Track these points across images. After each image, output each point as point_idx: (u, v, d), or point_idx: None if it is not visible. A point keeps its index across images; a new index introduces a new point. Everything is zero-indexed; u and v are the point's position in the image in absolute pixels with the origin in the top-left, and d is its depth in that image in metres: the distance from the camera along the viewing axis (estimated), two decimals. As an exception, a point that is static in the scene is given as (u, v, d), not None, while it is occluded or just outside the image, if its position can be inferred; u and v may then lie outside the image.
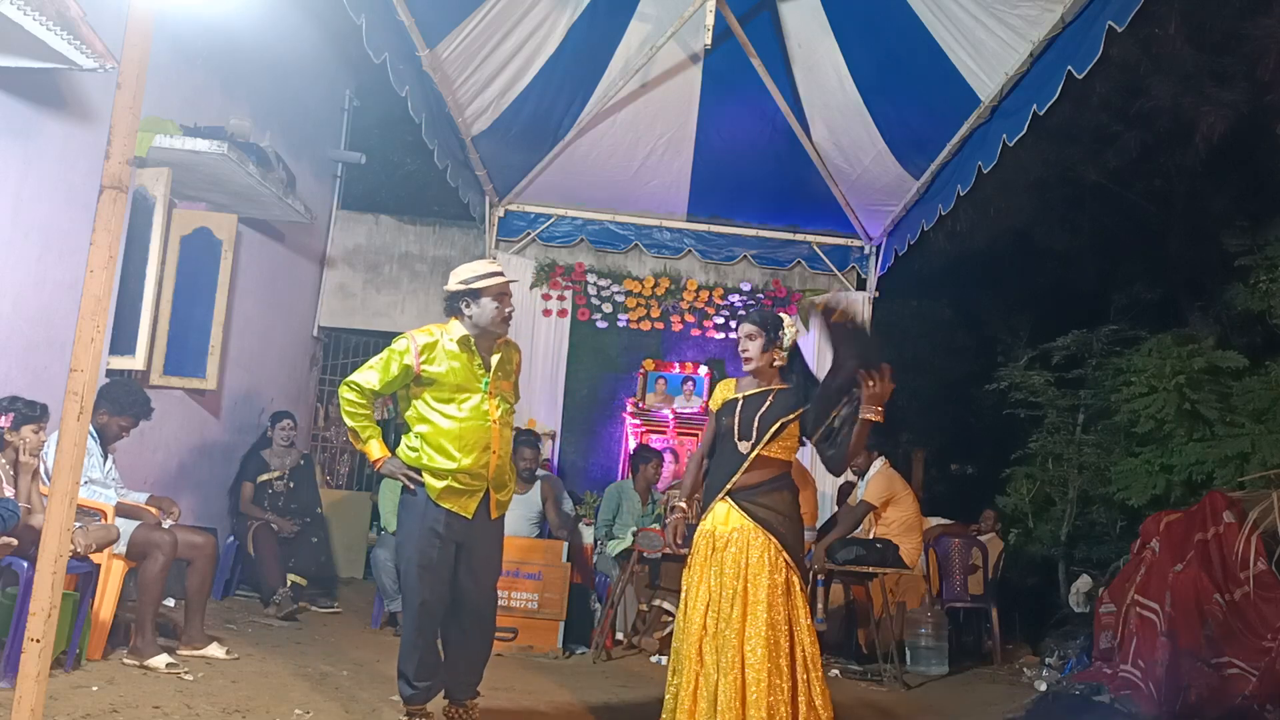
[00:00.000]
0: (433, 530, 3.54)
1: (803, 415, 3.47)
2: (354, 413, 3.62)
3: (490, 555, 3.70)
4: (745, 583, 3.34)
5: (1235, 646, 4.33)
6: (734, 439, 3.49)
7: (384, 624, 5.94)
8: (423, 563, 3.53)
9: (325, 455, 8.60)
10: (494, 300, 3.57)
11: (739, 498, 3.45)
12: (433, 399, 3.57)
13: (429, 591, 3.54)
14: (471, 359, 3.59)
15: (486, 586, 3.70)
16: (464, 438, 3.53)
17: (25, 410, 3.89)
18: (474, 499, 3.59)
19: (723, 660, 3.28)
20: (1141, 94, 8.39)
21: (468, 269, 3.64)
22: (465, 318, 3.60)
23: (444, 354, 3.57)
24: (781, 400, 3.49)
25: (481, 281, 3.58)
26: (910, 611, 6.37)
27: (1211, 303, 8.30)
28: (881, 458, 6.20)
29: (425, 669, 3.61)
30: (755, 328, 3.53)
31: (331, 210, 8.33)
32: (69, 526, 2.39)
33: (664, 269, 8.12)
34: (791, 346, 3.55)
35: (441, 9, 5.24)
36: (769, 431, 3.44)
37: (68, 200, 4.63)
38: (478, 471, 3.56)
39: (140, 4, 2.52)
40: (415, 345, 3.57)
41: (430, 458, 3.55)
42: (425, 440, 3.56)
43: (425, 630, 3.58)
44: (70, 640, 3.93)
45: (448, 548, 3.56)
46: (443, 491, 3.55)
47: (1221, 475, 6.32)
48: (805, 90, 6.56)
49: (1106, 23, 4.07)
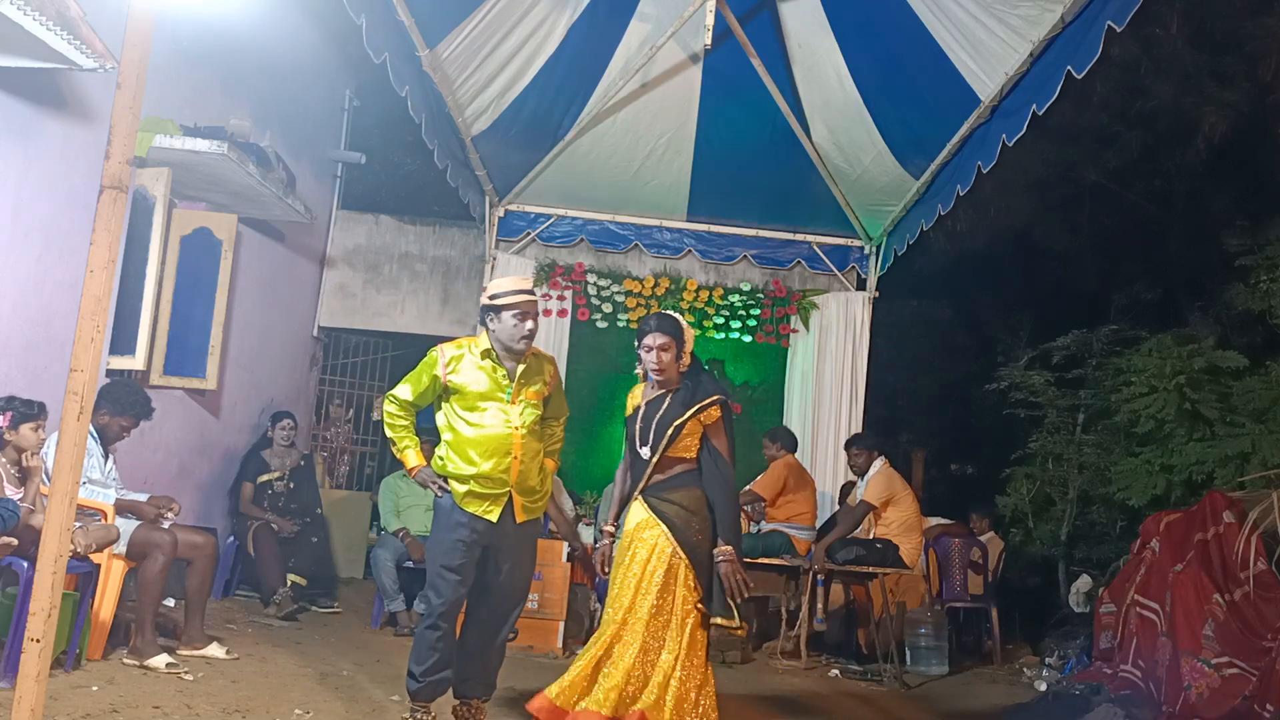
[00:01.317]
0: (459, 533, 3.66)
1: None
2: (392, 424, 3.82)
3: (519, 559, 3.80)
4: (651, 573, 3.48)
5: (1235, 646, 4.33)
6: (637, 445, 3.62)
7: (384, 624, 5.94)
8: (446, 563, 3.65)
9: (325, 455, 8.60)
10: (514, 317, 3.68)
11: (647, 494, 3.58)
12: (459, 407, 3.73)
13: (451, 591, 3.65)
14: (495, 370, 3.73)
15: (514, 589, 3.81)
16: (484, 444, 3.67)
17: (22, 409, 3.89)
18: (498, 503, 3.70)
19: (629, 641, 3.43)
20: (1142, 94, 8.38)
21: (495, 284, 3.80)
22: (490, 331, 3.74)
23: (469, 365, 3.74)
24: (676, 403, 3.58)
25: (503, 299, 3.70)
26: (910, 611, 6.37)
27: (1212, 303, 8.29)
28: (881, 458, 6.20)
29: (436, 666, 3.67)
30: (669, 338, 3.59)
31: (331, 210, 8.33)
32: (69, 526, 2.39)
33: (664, 269, 8.12)
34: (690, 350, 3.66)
35: (441, 9, 5.24)
36: (665, 438, 3.54)
37: (68, 200, 4.63)
38: (498, 476, 3.67)
39: (140, 4, 2.52)
40: (443, 357, 3.75)
41: (454, 463, 3.70)
42: (450, 447, 3.73)
43: (441, 629, 3.67)
44: (70, 640, 3.93)
45: (473, 550, 3.68)
46: (465, 495, 3.68)
47: (1221, 475, 6.32)
48: (805, 90, 6.56)
49: (1106, 23, 4.06)
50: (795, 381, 7.96)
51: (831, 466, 7.63)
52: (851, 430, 7.49)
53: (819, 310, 7.99)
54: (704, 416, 3.56)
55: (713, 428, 3.59)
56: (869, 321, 7.86)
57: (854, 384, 7.79)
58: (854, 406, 7.74)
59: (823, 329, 7.93)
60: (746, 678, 5.57)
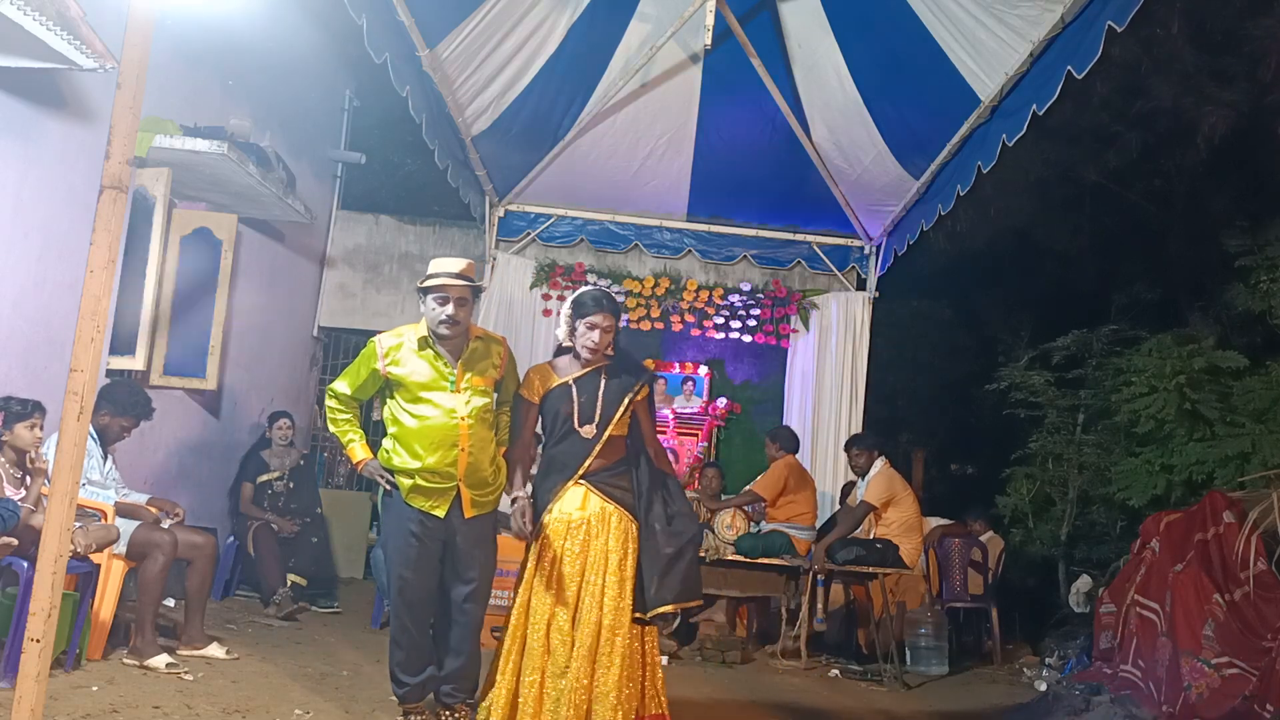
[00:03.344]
0: (408, 530, 3.55)
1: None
2: (334, 418, 3.70)
3: (473, 553, 3.64)
4: (605, 564, 3.40)
5: (1235, 646, 4.33)
6: (574, 424, 3.48)
7: (384, 624, 5.93)
8: (402, 561, 3.55)
9: (325, 455, 8.60)
10: (435, 301, 3.52)
11: (595, 480, 3.48)
12: (402, 400, 3.58)
13: (409, 588, 3.56)
14: (436, 358, 3.57)
15: (472, 585, 3.65)
16: (429, 436, 3.52)
17: (17, 408, 3.88)
18: (445, 498, 3.57)
19: (579, 639, 3.34)
20: (1142, 94, 8.38)
21: (430, 264, 3.62)
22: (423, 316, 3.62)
23: (408, 354, 3.58)
24: (615, 380, 3.50)
25: (426, 280, 3.55)
26: (910, 611, 6.37)
27: (1211, 303, 8.28)
28: (882, 458, 6.20)
29: (413, 665, 3.61)
30: (614, 320, 3.52)
31: (331, 210, 8.33)
32: (69, 526, 2.39)
33: (664, 269, 8.12)
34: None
35: (442, 9, 5.24)
36: (616, 414, 3.47)
37: (68, 200, 4.63)
38: (445, 470, 3.53)
39: (140, 4, 2.52)
40: (380, 349, 3.60)
41: (399, 457, 3.56)
42: (396, 440, 3.59)
43: (409, 628, 3.58)
44: (70, 640, 3.93)
45: (427, 546, 3.56)
46: (411, 491, 3.55)
47: (1221, 475, 6.32)
48: (805, 90, 6.56)
49: (1106, 23, 4.06)
50: (795, 381, 7.96)
51: (831, 466, 7.63)
52: (852, 430, 7.49)
53: (819, 310, 7.99)
54: (637, 394, 3.54)
55: (643, 405, 3.55)
56: (869, 321, 7.87)
57: (854, 384, 7.79)
58: (854, 406, 7.75)
59: (823, 329, 7.93)
60: (746, 678, 5.56)
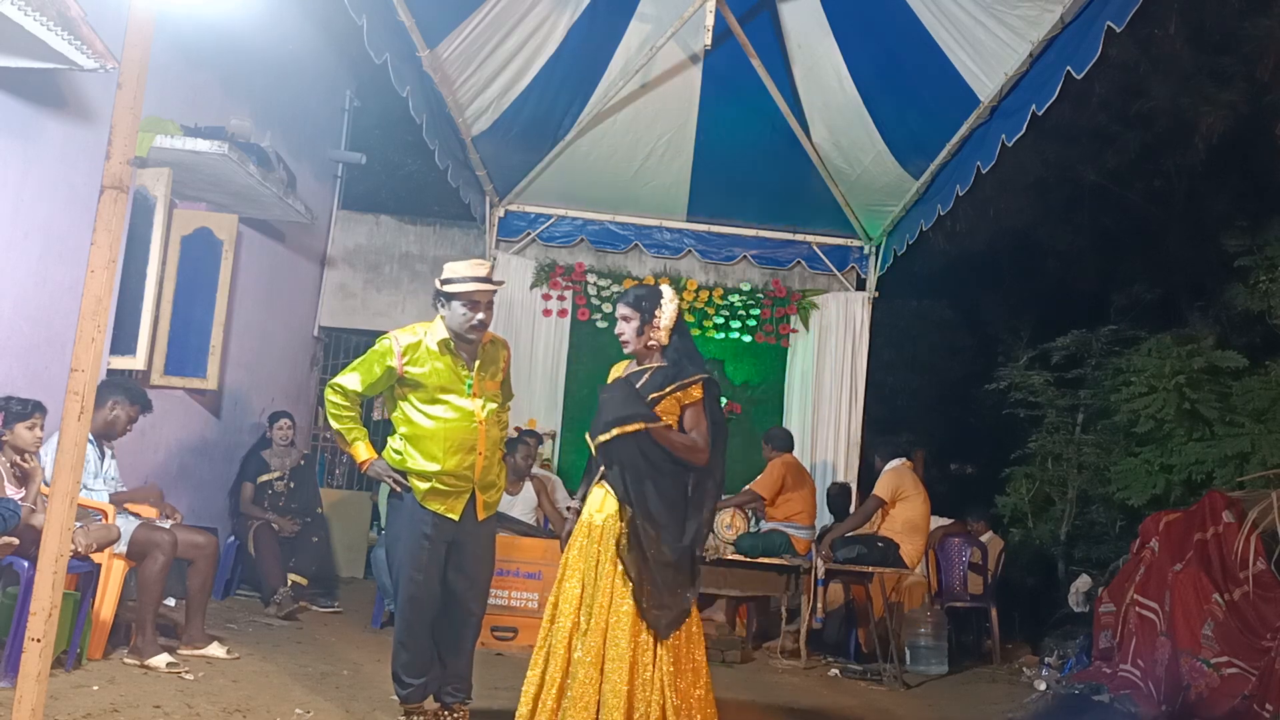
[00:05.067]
0: (421, 532, 3.53)
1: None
2: (338, 415, 3.61)
3: (481, 554, 3.67)
4: (613, 567, 3.23)
5: (1234, 646, 4.34)
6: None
7: (384, 624, 5.93)
8: (413, 564, 3.53)
9: (326, 455, 8.61)
10: (464, 306, 3.49)
11: (610, 481, 3.33)
12: (417, 400, 3.54)
13: (420, 590, 3.54)
14: (455, 360, 3.55)
15: (478, 586, 3.69)
16: (448, 439, 3.51)
17: (18, 408, 3.88)
18: (460, 500, 3.57)
19: (589, 646, 3.18)
20: (1141, 94, 8.39)
21: (451, 268, 3.58)
22: (442, 318, 3.57)
23: (427, 354, 3.54)
24: (654, 379, 3.35)
25: (454, 285, 3.51)
26: (910, 611, 6.37)
27: (1211, 303, 8.29)
28: (898, 459, 6.18)
29: (417, 666, 3.61)
30: (630, 309, 3.39)
31: (332, 210, 8.34)
32: (69, 526, 2.40)
33: (664, 269, 8.12)
34: (674, 324, 3.39)
35: (442, 9, 5.25)
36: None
37: (68, 200, 4.64)
38: (462, 473, 3.54)
39: (140, 4, 2.53)
40: (399, 346, 3.53)
41: (414, 459, 3.53)
42: (409, 441, 3.55)
43: (416, 629, 3.58)
44: (71, 640, 3.93)
45: (437, 548, 3.56)
46: (428, 493, 3.53)
47: (1221, 475, 6.33)
48: (805, 90, 6.57)
49: (1105, 23, 4.07)
50: (795, 381, 7.97)
51: (832, 466, 7.64)
52: (851, 430, 7.53)
53: (819, 310, 7.99)
54: (683, 395, 3.32)
55: (692, 408, 3.32)
56: (869, 321, 7.87)
57: (854, 384, 7.79)
58: (854, 406, 7.75)
59: (822, 329, 7.93)
60: (746, 677, 5.57)
